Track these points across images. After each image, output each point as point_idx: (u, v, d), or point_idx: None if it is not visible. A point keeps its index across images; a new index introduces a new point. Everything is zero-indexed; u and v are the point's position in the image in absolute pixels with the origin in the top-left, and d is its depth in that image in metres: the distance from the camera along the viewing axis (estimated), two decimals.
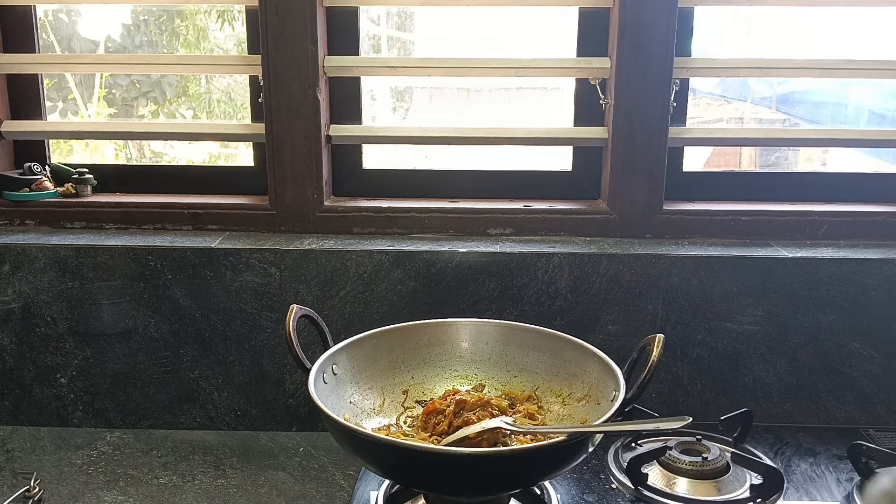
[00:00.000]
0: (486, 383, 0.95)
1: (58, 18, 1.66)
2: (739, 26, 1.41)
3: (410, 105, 1.89)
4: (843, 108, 1.62)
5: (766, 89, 1.75)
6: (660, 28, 1.10)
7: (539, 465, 0.73)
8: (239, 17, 1.32)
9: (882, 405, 1.10)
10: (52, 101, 1.81)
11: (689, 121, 1.21)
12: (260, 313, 1.09)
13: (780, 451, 1.02)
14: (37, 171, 1.22)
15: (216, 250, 1.08)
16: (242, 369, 1.11)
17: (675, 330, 1.09)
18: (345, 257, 1.08)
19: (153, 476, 0.99)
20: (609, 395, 0.82)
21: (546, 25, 1.34)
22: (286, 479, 0.98)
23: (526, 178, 1.26)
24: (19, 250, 1.08)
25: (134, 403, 1.12)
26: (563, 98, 1.24)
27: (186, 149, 1.79)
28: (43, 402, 1.12)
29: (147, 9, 1.72)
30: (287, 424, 1.12)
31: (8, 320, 1.10)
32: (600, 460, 0.97)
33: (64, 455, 1.04)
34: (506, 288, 1.08)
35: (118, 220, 1.19)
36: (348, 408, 0.88)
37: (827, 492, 0.92)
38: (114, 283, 1.09)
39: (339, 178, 1.24)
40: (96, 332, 1.10)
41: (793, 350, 1.09)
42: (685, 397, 1.11)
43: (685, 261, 1.07)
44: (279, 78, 1.13)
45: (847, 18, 1.31)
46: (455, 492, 0.78)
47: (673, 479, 0.90)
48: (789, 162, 1.55)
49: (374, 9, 1.64)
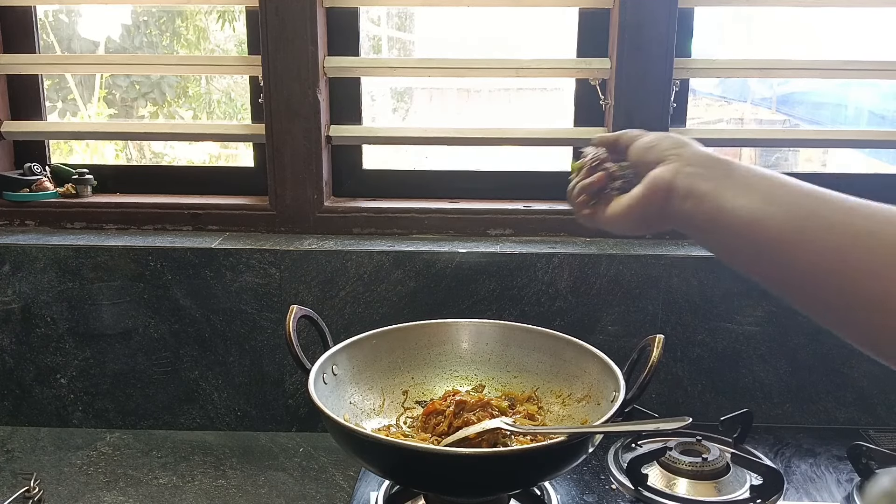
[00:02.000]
0: (486, 384, 0.95)
1: (58, 19, 1.66)
2: (739, 27, 1.41)
3: (410, 105, 1.90)
4: (842, 109, 1.62)
5: (766, 90, 1.75)
6: (660, 29, 1.10)
7: (539, 465, 0.73)
8: (240, 18, 1.32)
9: (882, 406, 1.10)
10: (51, 102, 1.81)
11: (690, 121, 1.21)
12: (260, 314, 1.09)
13: (780, 452, 1.02)
14: (37, 172, 1.22)
15: (216, 251, 1.08)
16: (242, 370, 1.11)
17: (675, 330, 1.09)
18: (345, 258, 1.08)
19: (153, 476, 0.98)
20: (609, 395, 0.82)
21: (546, 26, 1.34)
22: (286, 479, 0.98)
23: (526, 179, 1.26)
24: (19, 251, 1.08)
25: (134, 404, 1.12)
26: (563, 99, 1.24)
27: (186, 149, 1.79)
28: (43, 402, 1.12)
29: (147, 9, 1.72)
30: (287, 425, 1.12)
31: (8, 320, 1.10)
32: (600, 461, 0.97)
33: (64, 455, 1.04)
34: (506, 288, 1.08)
35: (118, 221, 1.19)
36: (348, 408, 0.88)
37: (827, 492, 0.92)
38: (114, 284, 1.09)
39: (340, 178, 1.24)
40: (96, 333, 1.10)
41: (793, 351, 1.09)
42: (685, 398, 1.11)
43: (685, 261, 1.07)
44: (279, 78, 1.13)
45: (846, 19, 1.31)
46: (455, 492, 0.78)
47: (673, 480, 0.90)
48: (789, 163, 1.56)
49: (375, 9, 1.64)
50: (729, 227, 0.53)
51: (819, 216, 0.49)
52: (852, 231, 0.47)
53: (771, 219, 0.51)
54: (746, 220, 0.52)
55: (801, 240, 0.49)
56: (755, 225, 0.52)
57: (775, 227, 0.50)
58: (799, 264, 0.49)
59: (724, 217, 0.54)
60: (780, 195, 0.52)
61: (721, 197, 0.54)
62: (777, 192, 0.52)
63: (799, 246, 0.49)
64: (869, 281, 0.45)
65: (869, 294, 0.46)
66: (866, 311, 0.46)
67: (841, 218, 0.48)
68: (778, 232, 0.50)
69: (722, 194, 0.54)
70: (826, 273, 0.48)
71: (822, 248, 0.48)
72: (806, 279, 0.49)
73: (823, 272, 0.48)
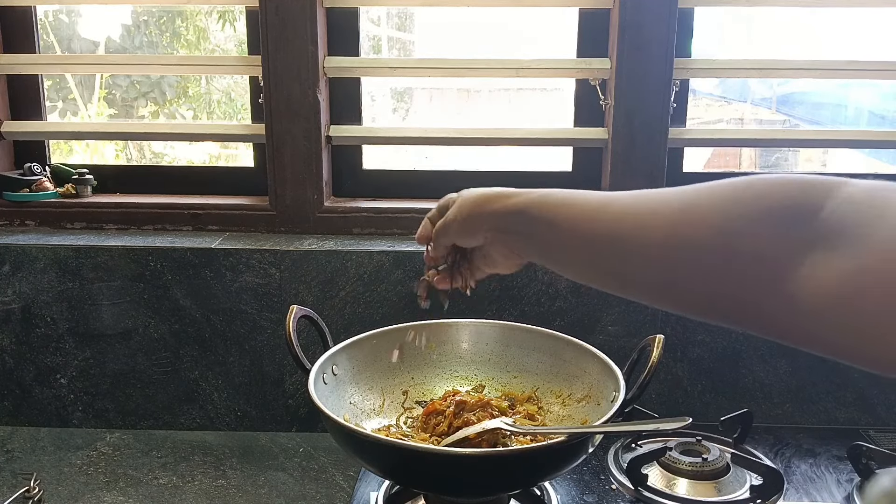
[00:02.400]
0: (486, 384, 0.95)
1: (58, 19, 1.66)
2: (739, 27, 1.41)
3: (410, 106, 1.89)
4: (842, 109, 1.62)
5: (766, 90, 1.75)
6: (660, 29, 1.10)
7: (539, 465, 0.73)
8: (240, 18, 1.32)
9: (882, 406, 1.10)
10: (52, 102, 1.81)
11: (690, 122, 1.21)
12: (260, 314, 1.09)
13: (780, 452, 1.02)
14: (37, 172, 1.22)
15: (216, 251, 1.08)
16: (242, 370, 1.11)
17: (675, 330, 1.09)
18: (345, 258, 1.08)
19: (153, 476, 0.99)
20: (609, 395, 0.82)
21: (546, 26, 1.34)
22: (286, 479, 0.98)
23: (526, 179, 1.26)
24: (19, 251, 1.08)
25: (134, 404, 1.12)
26: (563, 99, 1.24)
27: (186, 149, 1.79)
28: (43, 402, 1.12)
29: (147, 9, 1.72)
30: (287, 425, 1.12)
31: (8, 321, 1.10)
32: (600, 461, 0.97)
33: (64, 455, 1.04)
34: (506, 288, 1.08)
35: (118, 221, 1.19)
36: (348, 408, 0.88)
37: (827, 492, 0.92)
38: (114, 284, 1.09)
39: (340, 178, 1.24)
40: (96, 333, 1.10)
41: (793, 351, 1.09)
42: (685, 398, 1.11)
43: None
44: (279, 78, 1.13)
45: (846, 19, 1.31)
46: (455, 492, 0.78)
47: (673, 480, 0.90)
48: (789, 163, 1.55)
49: (375, 9, 1.64)
50: (556, 209, 0.58)
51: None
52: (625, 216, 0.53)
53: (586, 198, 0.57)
54: (569, 200, 0.58)
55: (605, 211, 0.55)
56: (573, 203, 0.57)
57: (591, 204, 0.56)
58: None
59: (552, 198, 0.59)
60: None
61: (532, 192, 0.61)
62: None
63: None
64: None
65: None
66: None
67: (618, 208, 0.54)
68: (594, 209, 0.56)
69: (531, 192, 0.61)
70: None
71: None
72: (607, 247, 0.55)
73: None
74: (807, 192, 0.43)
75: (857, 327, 0.39)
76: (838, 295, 0.39)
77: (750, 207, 0.45)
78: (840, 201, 0.42)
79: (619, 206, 0.53)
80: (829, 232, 0.41)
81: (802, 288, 0.41)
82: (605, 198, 0.55)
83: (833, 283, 0.39)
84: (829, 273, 0.40)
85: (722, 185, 0.48)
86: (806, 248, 0.41)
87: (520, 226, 0.61)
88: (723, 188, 0.47)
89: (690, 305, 0.50)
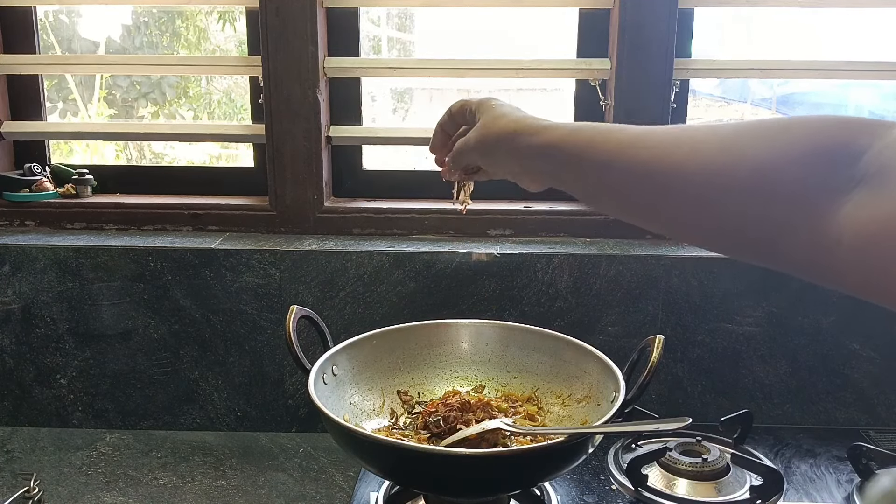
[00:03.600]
0: (486, 384, 0.95)
1: (58, 19, 1.66)
2: (739, 27, 1.41)
3: (410, 106, 1.89)
4: (843, 110, 1.62)
5: (766, 90, 1.76)
6: (660, 29, 1.10)
7: (539, 466, 0.73)
8: (240, 18, 1.32)
9: (882, 406, 1.10)
10: (52, 102, 1.81)
11: (690, 122, 1.21)
12: (260, 314, 1.09)
13: (780, 453, 1.02)
14: (37, 172, 1.22)
15: (216, 251, 1.08)
16: (242, 370, 1.11)
17: (675, 331, 1.09)
18: (345, 258, 1.08)
19: (153, 477, 0.98)
20: (609, 396, 0.82)
21: (546, 26, 1.34)
22: (286, 479, 0.98)
23: None
24: (19, 251, 1.08)
25: (134, 404, 1.12)
26: (563, 99, 1.24)
27: (187, 150, 1.79)
28: (43, 402, 1.12)
29: (147, 10, 1.72)
30: (287, 425, 1.12)
31: (8, 321, 1.10)
32: (600, 461, 0.97)
33: (64, 456, 1.04)
34: (506, 289, 1.08)
35: (118, 221, 1.19)
36: (348, 409, 0.88)
37: (827, 493, 0.92)
38: (114, 284, 1.09)
39: (340, 178, 1.24)
40: (96, 333, 1.10)
41: (793, 351, 1.09)
42: (685, 398, 1.11)
43: (685, 261, 1.07)
44: (279, 79, 1.13)
45: (846, 19, 1.31)
46: (455, 493, 0.78)
47: (673, 481, 0.90)
48: None
49: (375, 9, 1.64)
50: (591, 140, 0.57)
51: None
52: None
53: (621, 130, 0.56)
54: (598, 138, 0.56)
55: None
56: (608, 133, 0.56)
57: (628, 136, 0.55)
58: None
59: (580, 136, 0.58)
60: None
61: (559, 128, 0.60)
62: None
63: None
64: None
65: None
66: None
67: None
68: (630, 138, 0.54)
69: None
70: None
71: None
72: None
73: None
74: (853, 133, 0.43)
75: (893, 269, 0.38)
76: (879, 234, 0.39)
77: (793, 148, 0.44)
78: (887, 143, 0.41)
79: (654, 142, 0.52)
80: (874, 173, 0.40)
81: (842, 227, 0.41)
82: (635, 134, 0.54)
83: (874, 224, 0.39)
84: (871, 213, 0.39)
85: (764, 125, 0.47)
86: (849, 189, 0.41)
87: (546, 166, 0.62)
88: (766, 128, 0.47)
89: (719, 242, 0.50)
